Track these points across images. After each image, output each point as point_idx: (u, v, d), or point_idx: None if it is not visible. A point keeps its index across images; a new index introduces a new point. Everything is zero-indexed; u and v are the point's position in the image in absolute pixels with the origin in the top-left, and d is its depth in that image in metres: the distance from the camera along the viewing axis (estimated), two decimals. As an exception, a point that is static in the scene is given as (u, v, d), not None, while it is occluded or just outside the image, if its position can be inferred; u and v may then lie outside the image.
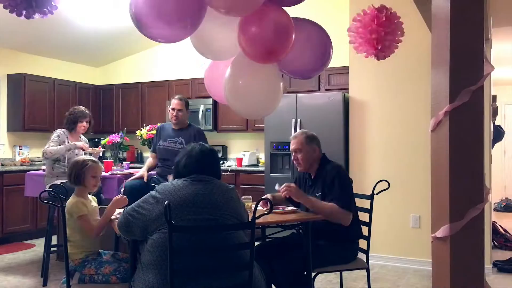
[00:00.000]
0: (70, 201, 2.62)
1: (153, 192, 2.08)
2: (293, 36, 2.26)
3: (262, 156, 6.00)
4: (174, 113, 4.01)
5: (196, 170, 2.15)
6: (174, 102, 4.05)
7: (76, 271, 2.54)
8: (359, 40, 2.60)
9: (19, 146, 6.28)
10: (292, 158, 3.00)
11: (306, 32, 2.44)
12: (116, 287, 2.48)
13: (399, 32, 2.61)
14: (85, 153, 4.17)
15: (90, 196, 2.81)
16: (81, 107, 4.31)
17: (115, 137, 5.08)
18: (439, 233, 1.56)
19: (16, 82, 6.11)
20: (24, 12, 1.83)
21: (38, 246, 5.30)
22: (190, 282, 1.90)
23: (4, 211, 5.42)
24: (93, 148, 4.34)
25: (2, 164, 5.79)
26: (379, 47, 2.55)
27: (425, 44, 4.12)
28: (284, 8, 2.30)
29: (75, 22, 5.66)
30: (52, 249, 4.09)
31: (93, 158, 2.82)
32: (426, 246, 4.28)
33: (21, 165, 5.95)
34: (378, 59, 2.64)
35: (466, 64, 1.58)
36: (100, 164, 2.83)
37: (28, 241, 5.61)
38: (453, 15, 1.57)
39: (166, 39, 2.23)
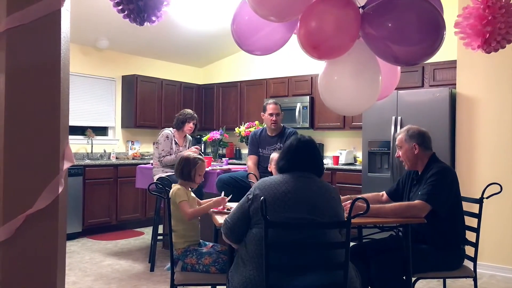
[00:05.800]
0: (174, 188, 2.81)
1: (252, 188, 2.13)
2: None
3: (359, 155, 5.86)
4: (273, 118, 4.01)
5: (296, 167, 2.13)
6: (271, 107, 4.03)
7: (179, 260, 2.71)
8: (469, 33, 2.41)
9: (131, 142, 6.85)
10: (396, 155, 2.95)
11: None
12: (215, 277, 2.61)
13: (515, 22, 2.37)
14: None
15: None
16: (190, 110, 4.69)
17: (216, 134, 5.30)
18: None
19: (129, 83, 6.67)
20: (138, 20, 2.00)
21: (146, 234, 5.75)
22: (285, 278, 1.92)
23: (118, 200, 5.97)
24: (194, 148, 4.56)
25: (117, 158, 6.38)
26: (493, 40, 2.34)
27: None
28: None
29: (181, 25, 6.03)
30: (159, 237, 4.42)
31: (201, 156, 3.02)
32: (545, 258, 3.87)
33: (133, 159, 6.50)
34: (489, 52, 2.42)
35: None
36: (205, 162, 3.02)
37: (138, 229, 6.11)
38: None
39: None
